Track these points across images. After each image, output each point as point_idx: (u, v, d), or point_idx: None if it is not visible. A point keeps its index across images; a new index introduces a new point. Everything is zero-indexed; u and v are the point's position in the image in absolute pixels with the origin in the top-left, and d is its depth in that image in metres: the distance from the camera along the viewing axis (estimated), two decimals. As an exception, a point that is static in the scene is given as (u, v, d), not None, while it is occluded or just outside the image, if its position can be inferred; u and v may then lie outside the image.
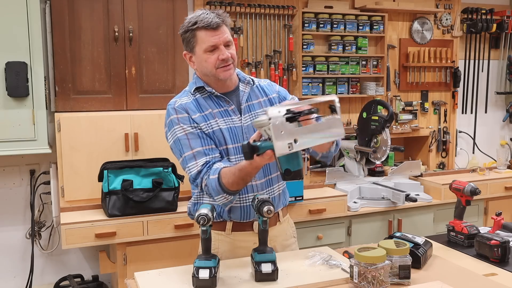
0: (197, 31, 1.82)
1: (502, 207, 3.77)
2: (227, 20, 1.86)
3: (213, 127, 1.86)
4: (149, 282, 1.68)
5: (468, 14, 4.40)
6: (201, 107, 1.88)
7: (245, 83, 1.96)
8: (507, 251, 1.92)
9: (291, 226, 2.11)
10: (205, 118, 1.86)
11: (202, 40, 1.82)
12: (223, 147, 1.87)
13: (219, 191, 1.75)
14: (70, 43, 3.03)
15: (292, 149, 1.46)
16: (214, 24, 1.79)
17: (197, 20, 1.81)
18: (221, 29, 1.82)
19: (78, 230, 2.77)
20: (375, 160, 3.59)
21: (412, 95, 4.34)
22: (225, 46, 1.84)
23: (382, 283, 1.59)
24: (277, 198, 1.98)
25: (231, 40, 1.86)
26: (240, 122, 1.90)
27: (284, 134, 1.45)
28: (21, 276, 3.35)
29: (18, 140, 2.87)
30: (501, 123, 4.81)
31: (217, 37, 1.81)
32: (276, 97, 2.00)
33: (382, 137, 3.49)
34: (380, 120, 3.47)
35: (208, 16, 1.80)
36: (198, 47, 1.84)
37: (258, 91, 1.99)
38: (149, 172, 2.95)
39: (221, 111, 1.89)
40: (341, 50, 3.90)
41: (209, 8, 3.50)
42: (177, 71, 3.29)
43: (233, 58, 1.86)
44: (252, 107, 1.95)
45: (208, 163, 1.80)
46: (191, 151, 1.82)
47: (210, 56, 1.83)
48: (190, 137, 1.83)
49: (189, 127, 1.84)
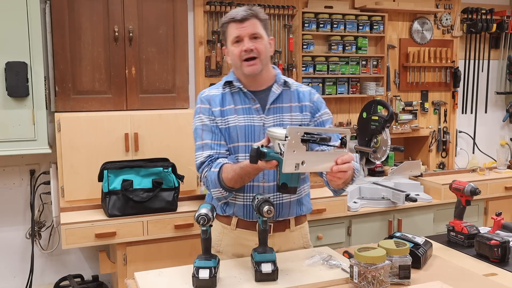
0: (227, 25, 1.88)
1: (502, 207, 3.77)
2: (260, 15, 1.87)
3: (229, 123, 1.90)
4: (149, 282, 1.68)
5: (468, 14, 4.40)
6: (225, 101, 1.92)
7: (278, 84, 1.95)
8: (507, 251, 1.92)
9: (302, 237, 2.05)
10: (223, 113, 1.91)
11: (230, 32, 1.88)
12: (235, 144, 1.89)
13: (216, 185, 1.81)
14: (70, 43, 3.04)
15: (298, 170, 1.52)
16: (239, 16, 1.83)
17: (228, 15, 1.88)
18: (248, 22, 1.84)
19: (78, 230, 2.77)
20: (375, 160, 3.58)
21: (412, 95, 4.35)
22: (252, 38, 1.85)
23: (382, 283, 1.59)
24: (286, 205, 1.95)
25: (258, 33, 1.86)
26: (261, 121, 1.91)
27: (296, 154, 1.50)
28: (21, 276, 3.35)
29: (18, 140, 2.87)
30: (501, 123, 4.81)
31: (242, 29, 1.84)
32: (309, 105, 1.98)
33: (382, 137, 3.48)
34: (380, 120, 3.46)
35: (238, 10, 1.86)
36: (228, 40, 1.89)
37: (292, 95, 1.97)
38: (149, 172, 2.95)
39: (244, 108, 1.91)
40: (341, 50, 3.90)
41: (209, 8, 3.50)
42: (177, 71, 3.29)
43: (259, 51, 1.85)
44: (279, 109, 1.93)
45: (211, 157, 1.86)
46: (201, 142, 1.90)
47: (236, 48, 1.86)
48: (204, 128, 1.90)
49: (206, 118, 1.91)
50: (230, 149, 1.91)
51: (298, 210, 2.00)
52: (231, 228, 1.97)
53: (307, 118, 1.96)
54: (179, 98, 3.31)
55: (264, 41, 1.87)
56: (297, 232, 2.02)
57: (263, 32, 1.87)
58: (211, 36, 3.59)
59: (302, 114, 1.96)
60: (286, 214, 1.96)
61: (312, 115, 1.98)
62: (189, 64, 3.43)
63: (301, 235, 2.05)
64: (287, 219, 1.97)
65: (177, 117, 3.18)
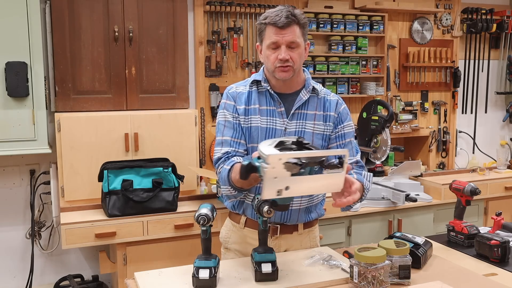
0: (266, 26, 1.81)
1: (502, 207, 3.77)
2: (301, 21, 1.81)
3: (251, 123, 1.89)
4: (149, 282, 1.68)
5: (468, 14, 4.40)
6: (251, 100, 1.90)
7: (306, 90, 1.91)
8: (507, 251, 1.92)
9: (310, 240, 2.03)
10: (248, 112, 1.89)
11: (268, 35, 1.82)
12: (254, 144, 1.88)
13: (225, 182, 1.82)
14: (70, 43, 3.04)
15: (281, 195, 1.42)
16: (280, 23, 1.77)
17: (269, 15, 1.81)
18: (288, 29, 1.78)
19: (78, 230, 2.77)
20: (375, 160, 3.59)
21: (412, 95, 4.34)
22: (289, 47, 1.80)
23: (382, 283, 1.59)
24: (295, 211, 1.93)
25: (296, 42, 1.81)
26: (283, 125, 1.88)
27: (277, 181, 1.38)
28: (21, 276, 3.35)
29: (18, 140, 2.87)
30: (501, 123, 4.81)
31: (280, 35, 1.79)
32: (334, 116, 1.93)
33: (382, 137, 3.49)
34: (380, 120, 3.47)
35: (280, 14, 1.78)
36: (265, 41, 1.85)
37: (319, 103, 1.93)
38: (149, 172, 2.95)
39: (269, 109, 1.89)
40: (341, 50, 3.90)
41: (209, 8, 3.50)
42: (177, 71, 3.29)
43: (294, 60, 1.81)
44: (303, 116, 1.90)
45: (228, 153, 1.86)
46: (221, 137, 1.90)
47: (272, 54, 1.82)
48: (226, 125, 1.90)
49: (229, 115, 1.90)
50: (249, 149, 1.89)
51: (307, 217, 1.98)
52: (239, 226, 1.98)
53: (329, 129, 1.92)
54: (179, 98, 3.31)
55: (300, 49, 1.83)
56: (305, 235, 2.01)
57: (301, 39, 1.82)
58: (211, 36, 3.59)
59: (325, 124, 1.92)
60: (295, 220, 1.95)
61: (334, 126, 1.94)
62: (189, 64, 3.43)
63: (309, 238, 2.03)
64: (295, 224, 1.97)
65: (177, 117, 3.18)
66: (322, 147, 1.91)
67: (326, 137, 1.93)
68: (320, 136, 1.91)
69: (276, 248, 1.92)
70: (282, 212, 1.91)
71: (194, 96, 3.61)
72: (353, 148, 1.95)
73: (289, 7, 1.83)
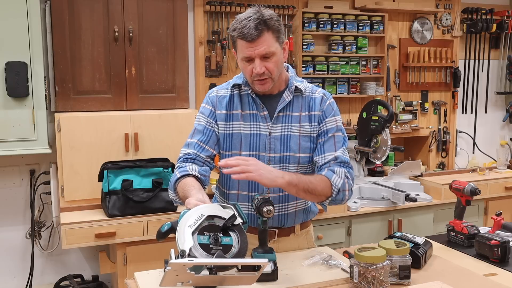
0: (236, 38, 1.73)
1: (502, 207, 3.77)
2: (272, 26, 1.70)
3: (233, 129, 1.85)
4: (149, 282, 1.68)
5: (468, 14, 4.40)
6: (233, 105, 1.86)
7: (289, 91, 1.84)
8: (507, 251, 1.92)
9: (307, 241, 2.03)
10: (229, 117, 1.85)
11: (240, 49, 1.74)
12: (237, 152, 1.84)
13: (171, 188, 1.83)
14: (70, 43, 3.04)
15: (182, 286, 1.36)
16: (249, 36, 1.68)
17: (237, 27, 1.71)
18: (259, 40, 1.68)
19: (78, 230, 2.77)
20: (375, 160, 3.59)
21: (412, 95, 4.35)
22: (263, 58, 1.72)
23: (382, 283, 1.59)
24: (292, 214, 1.93)
25: (270, 51, 1.71)
26: (267, 130, 1.83)
27: (178, 277, 1.33)
28: (21, 276, 3.35)
29: (18, 140, 2.87)
30: (501, 123, 4.81)
31: (252, 49, 1.70)
32: (318, 115, 1.85)
33: (382, 137, 3.49)
34: (380, 120, 3.47)
35: (248, 24, 1.68)
36: (238, 54, 1.77)
37: (304, 103, 1.85)
38: (149, 172, 2.95)
39: (251, 114, 1.84)
40: (341, 50, 3.90)
41: (209, 8, 3.50)
42: (177, 71, 3.29)
43: (270, 71, 1.73)
44: (288, 118, 1.84)
45: (189, 155, 1.84)
46: (189, 139, 1.88)
47: (247, 66, 1.75)
48: (197, 128, 1.88)
49: (204, 119, 1.88)
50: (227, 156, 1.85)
51: (305, 217, 1.98)
52: None
53: (315, 130, 1.85)
54: (179, 98, 3.31)
55: (276, 56, 1.73)
56: (302, 236, 2.01)
57: (276, 45, 1.73)
58: (211, 36, 3.59)
59: (311, 125, 1.85)
60: (292, 222, 1.95)
61: (319, 124, 1.86)
62: (189, 64, 3.43)
63: (306, 239, 2.03)
64: (293, 225, 1.96)
65: (177, 117, 3.18)
66: (310, 150, 1.86)
67: (314, 139, 1.86)
68: (307, 139, 1.85)
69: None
70: (280, 216, 1.90)
71: (194, 96, 3.61)
72: (336, 143, 1.84)
73: (258, 11, 1.71)
